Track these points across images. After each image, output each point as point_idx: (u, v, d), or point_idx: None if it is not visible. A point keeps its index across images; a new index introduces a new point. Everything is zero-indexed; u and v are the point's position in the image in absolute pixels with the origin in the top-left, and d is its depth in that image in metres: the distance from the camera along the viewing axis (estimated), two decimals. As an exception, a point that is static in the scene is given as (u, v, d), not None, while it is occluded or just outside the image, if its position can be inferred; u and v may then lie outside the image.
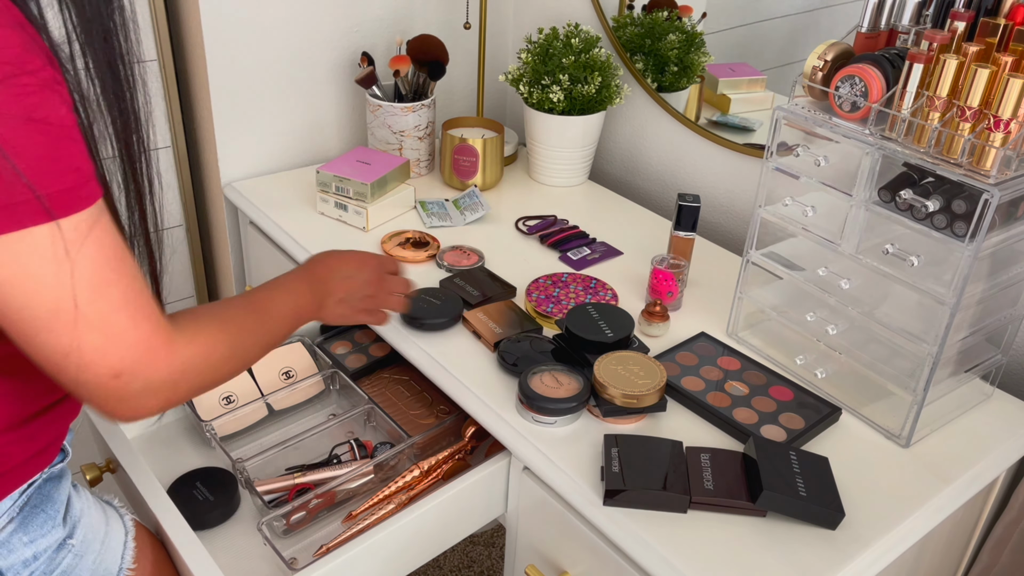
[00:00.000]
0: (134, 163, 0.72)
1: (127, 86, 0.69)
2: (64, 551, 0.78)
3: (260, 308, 0.82)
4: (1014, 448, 1.01)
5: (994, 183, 0.84)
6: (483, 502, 1.03)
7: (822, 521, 0.87)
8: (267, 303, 0.83)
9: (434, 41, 1.52)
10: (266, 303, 0.83)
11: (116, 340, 0.63)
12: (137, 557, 0.86)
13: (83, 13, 0.64)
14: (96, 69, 0.66)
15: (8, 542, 0.73)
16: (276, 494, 1.00)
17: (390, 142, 1.53)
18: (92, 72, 0.66)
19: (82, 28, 0.64)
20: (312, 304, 0.91)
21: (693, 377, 1.06)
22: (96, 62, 0.66)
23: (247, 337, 0.78)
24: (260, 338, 0.80)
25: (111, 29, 0.66)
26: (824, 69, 0.99)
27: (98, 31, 0.65)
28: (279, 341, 0.84)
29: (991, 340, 1.03)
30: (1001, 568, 1.11)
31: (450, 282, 1.22)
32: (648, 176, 1.62)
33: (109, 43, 0.66)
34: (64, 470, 0.81)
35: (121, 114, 0.69)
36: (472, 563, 1.81)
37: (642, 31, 1.52)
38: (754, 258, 1.10)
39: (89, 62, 0.66)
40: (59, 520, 0.77)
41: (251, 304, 0.81)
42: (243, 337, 0.77)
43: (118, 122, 0.69)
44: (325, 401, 1.20)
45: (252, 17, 1.43)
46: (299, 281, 0.90)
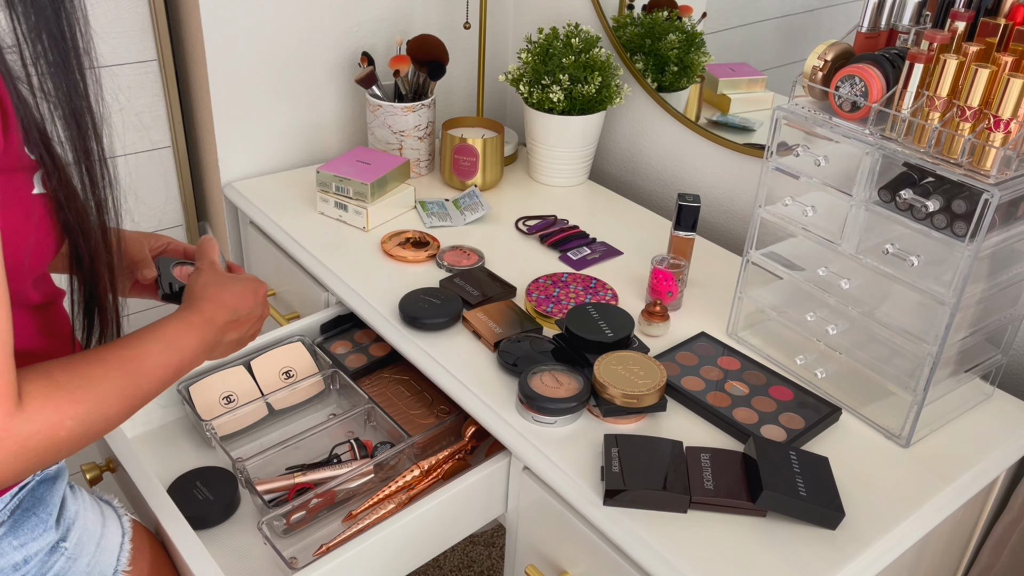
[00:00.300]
0: (92, 167, 0.70)
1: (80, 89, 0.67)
2: (56, 554, 0.77)
3: (132, 368, 0.73)
4: (1014, 448, 1.01)
5: (994, 183, 0.84)
6: (483, 502, 1.03)
7: (822, 521, 0.87)
8: (142, 359, 0.74)
9: (434, 41, 1.52)
10: (141, 359, 0.74)
11: None
12: (134, 558, 0.85)
13: (30, 16, 0.62)
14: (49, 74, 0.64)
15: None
16: (276, 494, 1.00)
17: (390, 142, 1.53)
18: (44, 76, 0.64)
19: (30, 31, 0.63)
20: (202, 351, 0.82)
21: (693, 377, 1.06)
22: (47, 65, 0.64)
23: (110, 404, 0.70)
24: (127, 402, 0.72)
25: (62, 32, 0.64)
26: (824, 69, 0.99)
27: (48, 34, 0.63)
28: (152, 397, 0.76)
29: (991, 340, 1.03)
30: (1001, 568, 1.11)
31: (450, 282, 1.22)
32: (648, 176, 1.62)
33: (59, 46, 0.64)
34: (59, 472, 0.80)
35: (76, 118, 0.67)
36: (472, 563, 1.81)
37: (642, 31, 1.52)
38: (754, 258, 1.10)
39: (40, 66, 0.64)
40: (51, 523, 0.76)
41: (122, 362, 0.72)
42: (104, 405, 0.69)
43: (72, 126, 0.67)
44: (325, 401, 1.20)
45: (252, 17, 1.43)
46: (186, 329, 0.81)
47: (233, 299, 0.87)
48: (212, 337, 0.83)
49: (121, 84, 1.45)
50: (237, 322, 0.86)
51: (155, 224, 1.59)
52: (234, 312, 0.86)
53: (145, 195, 1.56)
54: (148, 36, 1.44)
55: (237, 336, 0.87)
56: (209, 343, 0.83)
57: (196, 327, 0.82)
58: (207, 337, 0.82)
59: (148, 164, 1.54)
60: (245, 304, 0.88)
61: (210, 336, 0.83)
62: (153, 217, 1.59)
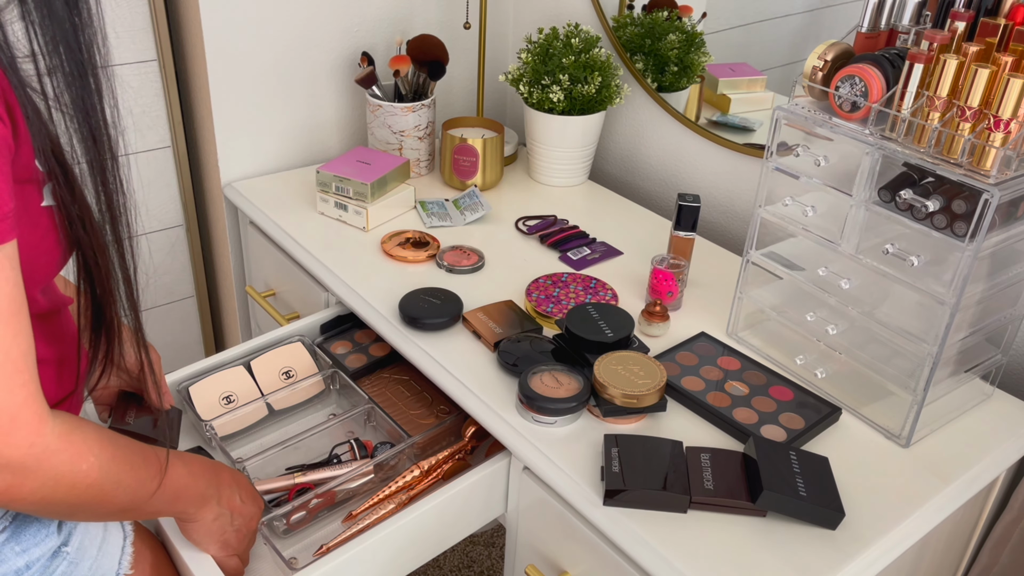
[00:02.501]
0: (106, 181, 0.70)
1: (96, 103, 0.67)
2: (58, 559, 0.77)
3: (152, 463, 0.74)
4: (1014, 448, 1.01)
5: (994, 183, 0.84)
6: (483, 502, 1.03)
7: (822, 521, 0.87)
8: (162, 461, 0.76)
9: (434, 41, 1.52)
10: (161, 460, 0.75)
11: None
12: (136, 561, 0.85)
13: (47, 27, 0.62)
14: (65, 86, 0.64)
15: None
16: (276, 494, 1.00)
17: (390, 142, 1.53)
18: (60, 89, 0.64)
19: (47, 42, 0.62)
20: (198, 498, 0.82)
21: (693, 377, 1.06)
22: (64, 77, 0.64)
23: (125, 471, 0.70)
24: (134, 490, 0.72)
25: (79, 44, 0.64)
26: (824, 69, 0.99)
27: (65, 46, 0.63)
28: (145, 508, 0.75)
29: (991, 340, 1.03)
30: (1001, 568, 1.11)
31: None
32: (648, 176, 1.62)
33: (76, 59, 0.64)
34: None
35: (91, 132, 0.67)
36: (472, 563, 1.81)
37: (642, 31, 1.52)
38: (754, 258, 1.10)
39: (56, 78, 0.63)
40: (53, 528, 0.76)
41: (145, 453, 0.74)
42: (124, 465, 0.70)
43: (88, 139, 0.67)
44: (325, 401, 1.20)
45: (252, 17, 1.43)
46: (204, 472, 0.82)
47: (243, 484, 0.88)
48: (211, 490, 0.83)
49: (121, 84, 1.45)
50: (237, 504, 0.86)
51: (155, 224, 1.60)
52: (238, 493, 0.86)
53: (145, 195, 1.56)
54: (148, 36, 1.44)
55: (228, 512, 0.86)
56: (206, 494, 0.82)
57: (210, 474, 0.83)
58: (206, 487, 0.82)
59: (148, 164, 1.54)
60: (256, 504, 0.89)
61: (211, 489, 0.83)
62: (153, 217, 1.59)
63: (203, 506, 0.83)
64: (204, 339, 1.77)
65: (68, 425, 0.65)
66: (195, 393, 1.11)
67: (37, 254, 0.69)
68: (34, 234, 0.68)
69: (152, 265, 1.62)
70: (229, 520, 0.86)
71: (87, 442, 0.66)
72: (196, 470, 0.81)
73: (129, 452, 0.71)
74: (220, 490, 0.84)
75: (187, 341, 1.75)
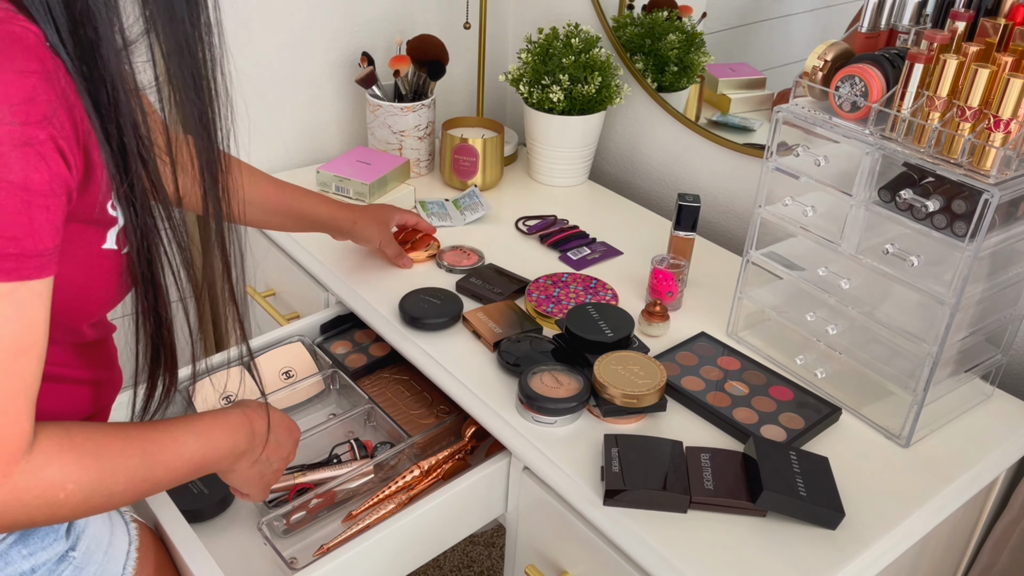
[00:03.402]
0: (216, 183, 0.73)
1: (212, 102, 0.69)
2: (65, 563, 0.76)
3: (153, 451, 0.70)
4: (1014, 448, 1.01)
5: (994, 183, 0.84)
6: (483, 502, 1.03)
7: (822, 521, 0.87)
8: (166, 446, 0.72)
9: (434, 41, 1.52)
10: (164, 445, 0.72)
11: None
12: (140, 565, 0.85)
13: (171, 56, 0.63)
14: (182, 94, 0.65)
15: (6, 555, 0.72)
16: (276, 494, 1.00)
17: (390, 142, 1.53)
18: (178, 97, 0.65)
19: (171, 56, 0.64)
20: (230, 456, 0.79)
21: (693, 377, 1.06)
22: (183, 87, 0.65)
23: (118, 480, 0.67)
24: (136, 484, 0.69)
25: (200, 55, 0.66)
26: (824, 69, 0.99)
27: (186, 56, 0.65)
28: (166, 487, 0.73)
29: (991, 340, 1.03)
30: (1001, 568, 1.11)
31: (467, 282, 1.22)
32: (648, 176, 1.62)
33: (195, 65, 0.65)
34: None
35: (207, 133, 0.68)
36: (472, 563, 1.81)
37: (642, 31, 1.52)
38: (754, 258, 1.10)
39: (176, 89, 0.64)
40: (61, 532, 0.76)
41: (144, 443, 0.70)
42: (111, 480, 0.66)
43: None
44: (325, 401, 1.20)
45: (252, 17, 1.43)
46: (226, 430, 0.78)
47: (279, 424, 0.85)
48: (246, 444, 0.80)
49: (121, 84, 1.45)
50: (275, 444, 0.84)
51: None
52: (273, 435, 0.84)
53: (145, 195, 1.56)
54: (148, 36, 1.44)
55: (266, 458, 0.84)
56: (239, 450, 0.80)
57: (234, 430, 0.79)
58: (240, 444, 0.79)
59: (148, 164, 1.54)
60: (282, 433, 0.86)
61: (245, 443, 0.80)
62: (153, 217, 1.59)
63: (237, 461, 0.80)
64: (204, 339, 1.77)
65: (43, 458, 0.62)
66: (195, 393, 1.11)
67: (90, 291, 0.69)
68: (87, 275, 0.68)
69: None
70: (268, 464, 0.84)
71: (64, 471, 0.63)
72: (220, 435, 0.78)
73: (119, 461, 0.68)
74: (254, 441, 0.81)
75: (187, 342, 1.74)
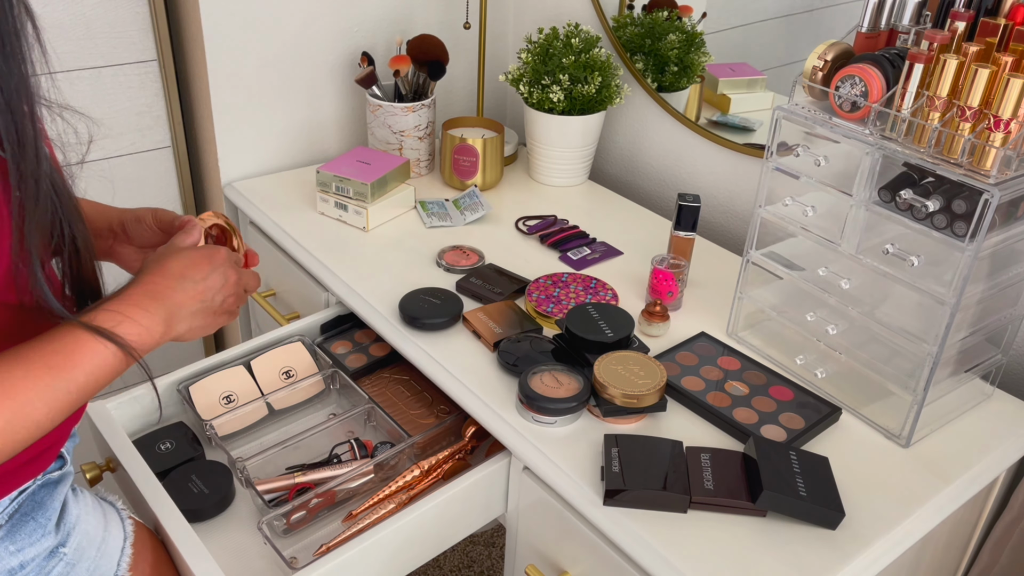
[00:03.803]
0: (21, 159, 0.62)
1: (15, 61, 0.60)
2: (55, 559, 0.76)
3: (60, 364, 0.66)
4: (1014, 448, 1.01)
5: (994, 183, 0.84)
6: (483, 502, 1.03)
7: (822, 521, 0.87)
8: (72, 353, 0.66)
9: (434, 41, 1.52)
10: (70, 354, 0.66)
11: None
12: (135, 561, 0.85)
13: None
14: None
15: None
16: (276, 493, 1.00)
17: (390, 142, 1.53)
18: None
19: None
20: (151, 332, 0.72)
21: (693, 377, 1.06)
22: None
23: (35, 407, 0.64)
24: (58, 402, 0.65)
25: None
26: (824, 69, 0.99)
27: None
28: (98, 389, 0.69)
29: (991, 340, 1.03)
30: (1001, 568, 1.11)
31: (467, 282, 1.22)
32: (648, 176, 1.62)
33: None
34: (62, 476, 0.79)
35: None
36: (472, 563, 1.81)
37: (642, 31, 1.52)
38: (754, 258, 1.10)
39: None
40: (50, 528, 0.76)
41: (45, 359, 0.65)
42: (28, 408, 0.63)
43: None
44: (325, 401, 1.20)
45: (252, 17, 1.43)
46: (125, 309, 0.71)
47: (180, 266, 0.76)
48: (160, 313, 0.72)
49: (121, 84, 1.45)
50: (194, 291, 0.76)
51: (155, 224, 1.59)
52: (182, 279, 0.75)
53: (145, 195, 1.56)
54: (148, 36, 1.44)
55: (199, 306, 0.76)
56: (159, 320, 0.72)
57: (135, 305, 0.71)
58: (152, 315, 0.72)
59: (148, 164, 1.54)
60: (198, 270, 0.77)
61: (157, 313, 0.72)
62: (153, 217, 1.59)
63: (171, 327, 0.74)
64: (204, 339, 1.77)
65: None
66: (195, 393, 1.11)
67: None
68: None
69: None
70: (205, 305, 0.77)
71: None
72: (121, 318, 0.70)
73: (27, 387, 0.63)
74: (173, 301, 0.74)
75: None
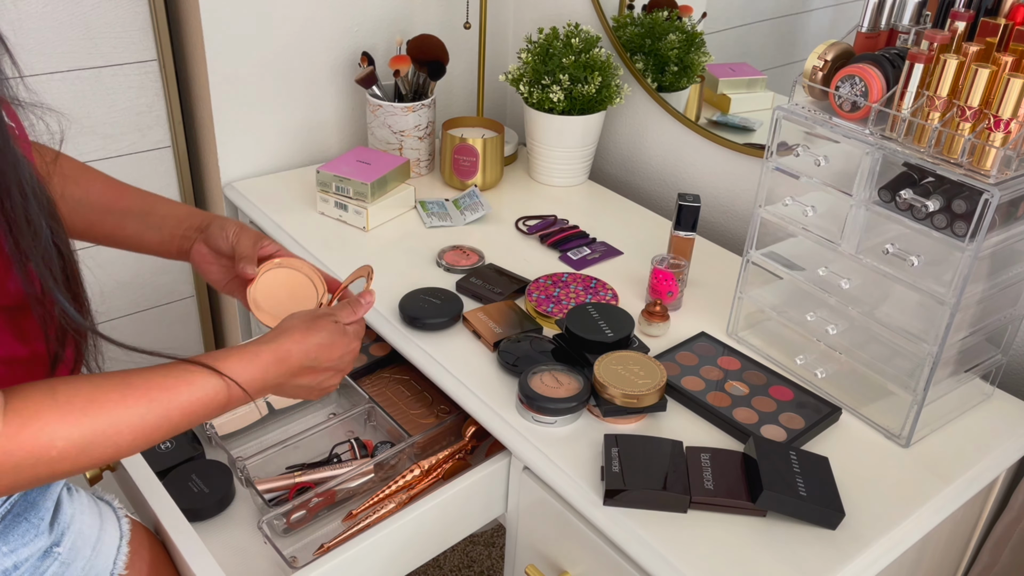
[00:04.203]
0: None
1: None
2: (49, 559, 0.76)
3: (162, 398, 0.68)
4: (1014, 448, 1.01)
5: (994, 183, 0.84)
6: (483, 502, 1.03)
7: (822, 521, 0.87)
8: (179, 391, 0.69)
9: (434, 41, 1.52)
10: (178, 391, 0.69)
11: None
12: (132, 561, 0.85)
13: None
14: None
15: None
16: (276, 493, 1.00)
17: (390, 142, 1.53)
18: None
19: None
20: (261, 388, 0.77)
21: (693, 377, 1.06)
22: None
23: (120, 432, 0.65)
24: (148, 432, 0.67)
25: None
26: (824, 69, 0.99)
27: None
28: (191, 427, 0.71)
29: (991, 340, 1.03)
30: (1001, 568, 1.11)
31: (467, 282, 1.22)
32: (648, 176, 1.62)
33: None
34: None
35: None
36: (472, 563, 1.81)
37: (642, 31, 1.52)
38: (754, 258, 1.10)
39: None
40: (44, 528, 0.75)
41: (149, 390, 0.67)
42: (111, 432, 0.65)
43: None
44: (325, 400, 1.20)
45: (252, 17, 1.43)
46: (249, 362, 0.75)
47: (318, 346, 0.81)
48: (278, 378, 0.78)
49: (121, 84, 1.45)
50: (314, 369, 0.81)
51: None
52: (314, 360, 0.80)
53: (145, 195, 1.56)
54: (148, 36, 1.44)
55: (310, 383, 0.82)
56: (271, 383, 0.77)
57: (263, 363, 0.76)
58: (270, 376, 0.77)
59: (148, 164, 1.54)
60: (330, 356, 0.82)
61: (276, 376, 0.77)
62: (153, 217, 1.59)
63: (277, 389, 0.78)
64: (204, 339, 1.77)
65: (21, 419, 0.60)
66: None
67: None
68: None
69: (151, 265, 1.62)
70: (318, 383, 0.81)
71: (47, 430, 0.61)
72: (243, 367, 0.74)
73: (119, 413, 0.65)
74: (288, 371, 0.78)
75: (187, 341, 1.75)
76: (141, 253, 0.94)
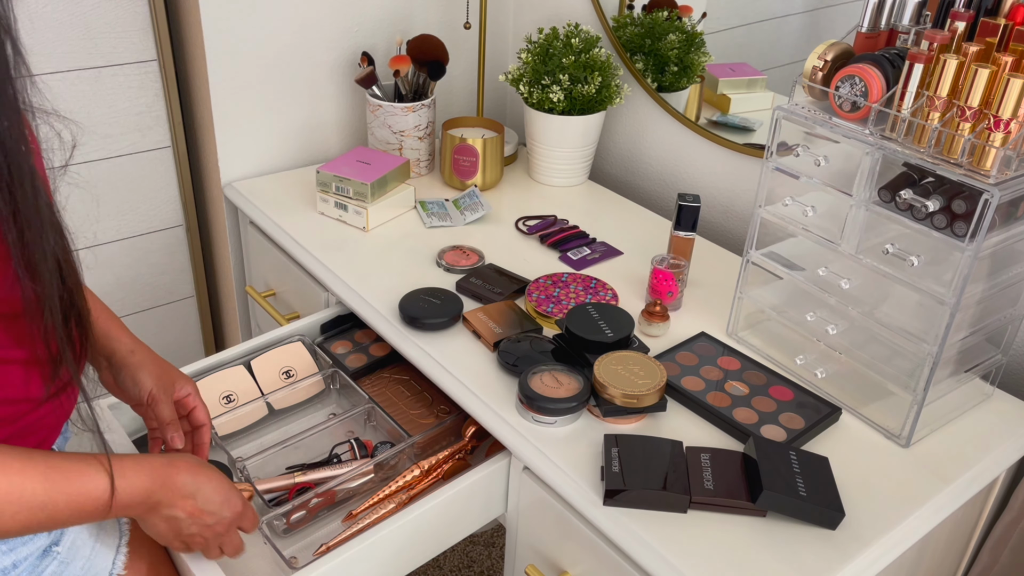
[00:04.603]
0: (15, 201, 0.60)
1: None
2: (48, 558, 0.76)
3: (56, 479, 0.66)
4: (1014, 448, 1.01)
5: (994, 183, 0.84)
6: (483, 502, 1.03)
7: (822, 521, 0.87)
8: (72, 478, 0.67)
9: (434, 41, 1.52)
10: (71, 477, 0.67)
11: None
12: (131, 561, 0.85)
13: None
14: None
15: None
16: (276, 493, 1.00)
17: (390, 142, 1.53)
18: None
19: None
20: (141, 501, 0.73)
21: (693, 377, 1.06)
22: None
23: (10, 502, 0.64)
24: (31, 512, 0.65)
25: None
26: (824, 69, 0.99)
27: None
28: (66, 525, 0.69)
29: (991, 340, 1.03)
30: (1001, 568, 1.11)
31: (466, 282, 1.22)
32: (648, 176, 1.62)
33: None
34: None
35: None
36: (472, 563, 1.81)
37: (642, 31, 1.52)
38: (754, 258, 1.10)
39: None
40: None
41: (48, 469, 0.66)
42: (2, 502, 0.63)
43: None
44: (325, 400, 1.20)
45: (252, 17, 1.43)
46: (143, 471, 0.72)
47: (210, 486, 0.78)
48: (161, 495, 0.74)
49: (121, 84, 1.45)
50: (195, 507, 0.77)
51: (155, 224, 1.59)
52: (200, 495, 0.77)
53: (145, 195, 1.56)
54: (148, 36, 1.44)
55: (183, 516, 0.77)
56: (154, 499, 0.74)
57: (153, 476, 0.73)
58: (155, 491, 0.74)
59: (148, 164, 1.54)
60: (214, 498, 0.78)
61: (160, 493, 0.74)
62: (153, 217, 1.59)
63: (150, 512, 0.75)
64: (204, 339, 1.77)
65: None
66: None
67: None
68: None
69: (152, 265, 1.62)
70: (185, 524, 0.78)
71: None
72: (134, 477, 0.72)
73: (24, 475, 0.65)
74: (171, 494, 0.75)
75: (187, 341, 1.75)
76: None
